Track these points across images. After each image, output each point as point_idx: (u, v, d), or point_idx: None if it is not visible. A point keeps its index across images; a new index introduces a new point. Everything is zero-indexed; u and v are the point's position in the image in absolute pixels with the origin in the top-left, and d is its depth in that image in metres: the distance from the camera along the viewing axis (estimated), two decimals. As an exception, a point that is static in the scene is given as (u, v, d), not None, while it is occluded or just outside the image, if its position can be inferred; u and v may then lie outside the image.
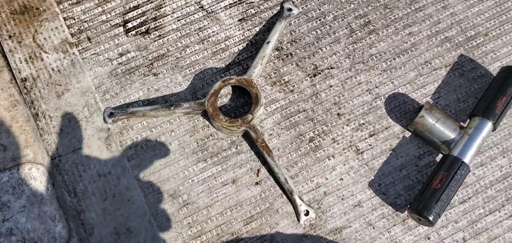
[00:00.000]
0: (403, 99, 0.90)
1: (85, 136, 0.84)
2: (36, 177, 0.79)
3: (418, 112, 0.85)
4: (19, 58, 0.89)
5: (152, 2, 0.95)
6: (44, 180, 0.80)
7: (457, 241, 0.82)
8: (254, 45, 0.93)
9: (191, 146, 0.85)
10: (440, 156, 0.86)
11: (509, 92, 0.86)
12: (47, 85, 0.88)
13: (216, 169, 0.84)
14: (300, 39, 0.93)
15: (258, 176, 0.83)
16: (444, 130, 0.84)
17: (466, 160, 0.82)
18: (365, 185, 0.85)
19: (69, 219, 0.79)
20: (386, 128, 0.88)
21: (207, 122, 0.87)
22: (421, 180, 0.85)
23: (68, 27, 0.93)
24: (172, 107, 0.83)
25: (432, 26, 0.95)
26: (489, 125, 0.84)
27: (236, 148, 0.85)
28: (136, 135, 0.85)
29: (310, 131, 0.87)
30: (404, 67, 0.92)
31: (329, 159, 0.86)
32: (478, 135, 0.84)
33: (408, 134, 0.88)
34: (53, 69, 0.89)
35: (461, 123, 0.86)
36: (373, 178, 0.85)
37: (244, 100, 0.89)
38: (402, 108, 0.89)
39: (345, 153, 0.86)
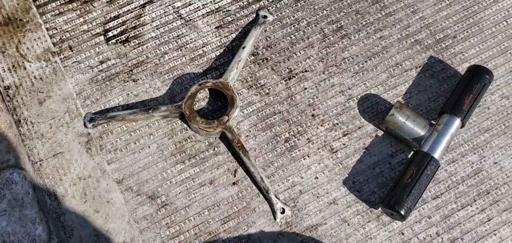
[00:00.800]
0: (375, 100, 0.95)
1: (66, 141, 0.88)
2: (17, 181, 0.83)
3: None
4: (2, 67, 0.94)
5: (132, 12, 1.01)
6: (25, 184, 0.83)
7: (430, 236, 0.86)
8: (231, 51, 0.98)
9: (169, 148, 0.89)
10: (412, 153, 0.91)
11: (475, 89, 0.91)
12: (30, 92, 0.92)
13: (194, 170, 0.88)
14: (275, 45, 0.99)
15: (235, 176, 0.87)
16: (414, 127, 0.89)
17: (436, 155, 0.87)
18: (340, 183, 0.89)
19: (49, 221, 0.82)
20: (359, 128, 0.93)
21: (185, 125, 0.91)
22: (394, 177, 0.89)
23: (51, 37, 0.98)
24: (150, 111, 0.88)
25: (402, 30, 1.02)
26: (457, 121, 0.90)
27: (214, 149, 0.90)
28: (116, 139, 0.90)
29: (286, 131, 0.92)
30: (376, 69, 0.98)
31: (304, 159, 0.90)
32: (447, 131, 0.89)
33: (380, 133, 0.93)
34: (35, 77, 0.93)
35: (431, 121, 0.92)
36: (347, 176, 0.89)
37: (221, 104, 0.94)
38: (374, 109, 0.95)
39: (319, 152, 0.91)
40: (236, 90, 0.93)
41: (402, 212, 0.82)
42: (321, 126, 0.93)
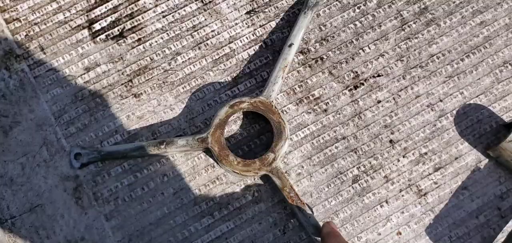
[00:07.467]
0: (477, 116, 0.82)
1: (45, 188, 0.76)
2: (-20, 251, 0.72)
3: (503, 133, 0.77)
4: None
5: (127, -9, 0.86)
6: (-8, 252, 0.73)
7: None
8: (270, 48, 0.84)
9: (190, 195, 0.77)
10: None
11: None
12: (-11, 117, 0.79)
13: (228, 226, 0.76)
14: (333, 36, 0.85)
15: (285, 233, 0.76)
16: (536, 158, 0.77)
17: None
18: (432, 238, 0.77)
19: None
20: (456, 158, 0.80)
21: (210, 160, 0.79)
22: (505, 230, 0.78)
23: (13, 32, 0.83)
24: (162, 146, 0.75)
25: (511, 12, 0.87)
26: None
27: (253, 195, 0.78)
28: (116, 183, 0.77)
29: (354, 166, 0.79)
30: (476, 71, 0.84)
31: (381, 206, 0.78)
32: None
33: (483, 165, 0.80)
34: (-5, 94, 0.80)
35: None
36: (441, 228, 0.78)
37: (261, 128, 0.81)
38: (476, 129, 0.81)
39: (402, 196, 0.78)
40: (282, 109, 0.81)
41: (522, 283, 0.72)
42: (404, 156, 0.80)
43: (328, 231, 0.65)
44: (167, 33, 0.83)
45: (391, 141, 0.80)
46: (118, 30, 0.83)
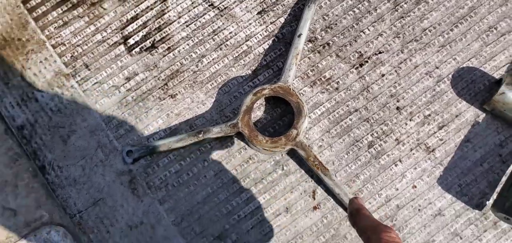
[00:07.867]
0: (471, 77, 0.93)
1: (104, 184, 0.89)
2: (57, 241, 0.84)
3: (495, 88, 0.88)
4: (10, 102, 0.93)
5: (152, 9, 0.98)
6: (66, 244, 0.85)
7: (555, 235, 0.87)
8: (282, 40, 0.96)
9: (229, 175, 0.89)
10: (523, 137, 0.90)
11: None
12: (49, 129, 0.91)
13: (264, 198, 0.88)
14: (336, 24, 0.96)
15: (314, 198, 0.87)
16: (526, 106, 0.88)
17: (557, 138, 0.86)
18: (443, 188, 0.88)
19: (102, 284, 0.84)
20: (457, 116, 0.91)
21: (242, 143, 0.91)
22: (508, 173, 0.89)
23: (60, 55, 0.96)
24: (200, 135, 0.87)
25: (493, -18, 0.98)
26: None
27: (282, 169, 0.89)
28: (164, 172, 0.89)
29: (368, 134, 0.91)
30: (465, 38, 0.95)
31: (396, 165, 0.89)
32: None
33: (481, 118, 0.91)
34: (51, 110, 0.93)
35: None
36: (451, 178, 0.88)
37: (282, 110, 0.92)
38: (471, 89, 0.92)
39: (413, 154, 0.90)
40: (299, 92, 0.92)
41: (524, 214, 0.82)
42: (410, 120, 0.91)
43: (356, 207, 0.66)
44: (192, 40, 0.95)
45: (397, 108, 0.91)
46: (150, 42, 0.95)
